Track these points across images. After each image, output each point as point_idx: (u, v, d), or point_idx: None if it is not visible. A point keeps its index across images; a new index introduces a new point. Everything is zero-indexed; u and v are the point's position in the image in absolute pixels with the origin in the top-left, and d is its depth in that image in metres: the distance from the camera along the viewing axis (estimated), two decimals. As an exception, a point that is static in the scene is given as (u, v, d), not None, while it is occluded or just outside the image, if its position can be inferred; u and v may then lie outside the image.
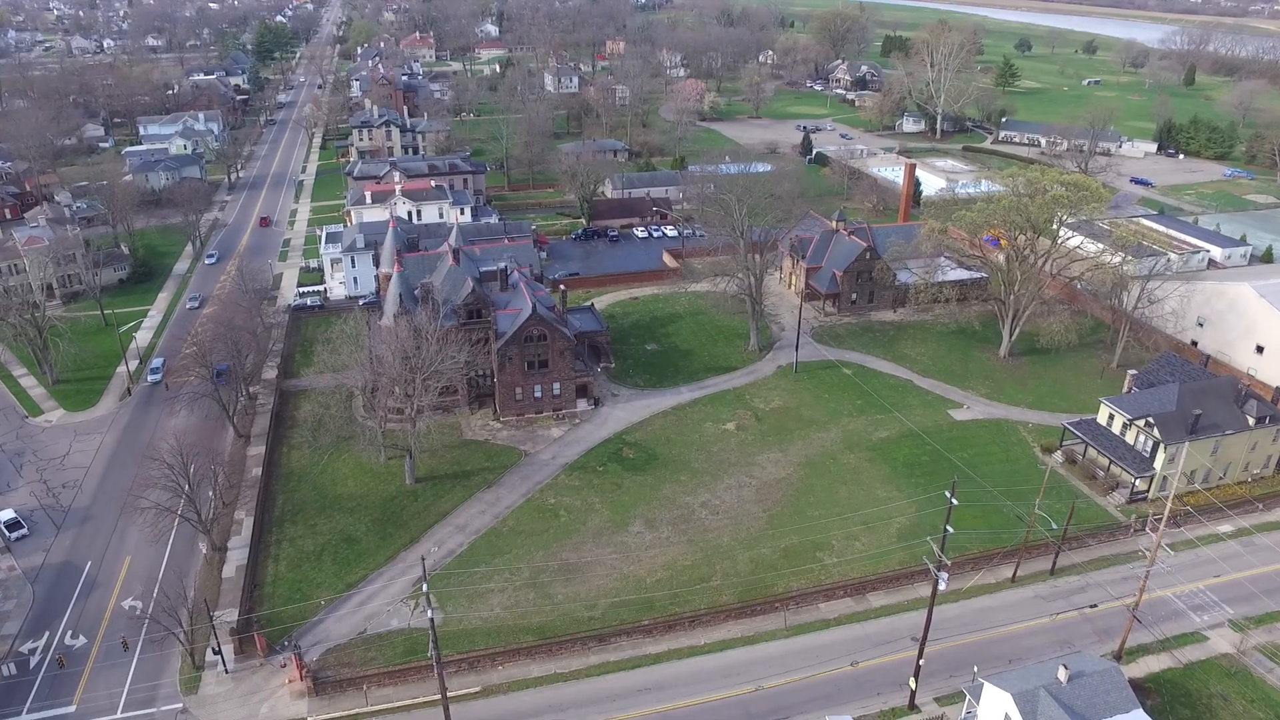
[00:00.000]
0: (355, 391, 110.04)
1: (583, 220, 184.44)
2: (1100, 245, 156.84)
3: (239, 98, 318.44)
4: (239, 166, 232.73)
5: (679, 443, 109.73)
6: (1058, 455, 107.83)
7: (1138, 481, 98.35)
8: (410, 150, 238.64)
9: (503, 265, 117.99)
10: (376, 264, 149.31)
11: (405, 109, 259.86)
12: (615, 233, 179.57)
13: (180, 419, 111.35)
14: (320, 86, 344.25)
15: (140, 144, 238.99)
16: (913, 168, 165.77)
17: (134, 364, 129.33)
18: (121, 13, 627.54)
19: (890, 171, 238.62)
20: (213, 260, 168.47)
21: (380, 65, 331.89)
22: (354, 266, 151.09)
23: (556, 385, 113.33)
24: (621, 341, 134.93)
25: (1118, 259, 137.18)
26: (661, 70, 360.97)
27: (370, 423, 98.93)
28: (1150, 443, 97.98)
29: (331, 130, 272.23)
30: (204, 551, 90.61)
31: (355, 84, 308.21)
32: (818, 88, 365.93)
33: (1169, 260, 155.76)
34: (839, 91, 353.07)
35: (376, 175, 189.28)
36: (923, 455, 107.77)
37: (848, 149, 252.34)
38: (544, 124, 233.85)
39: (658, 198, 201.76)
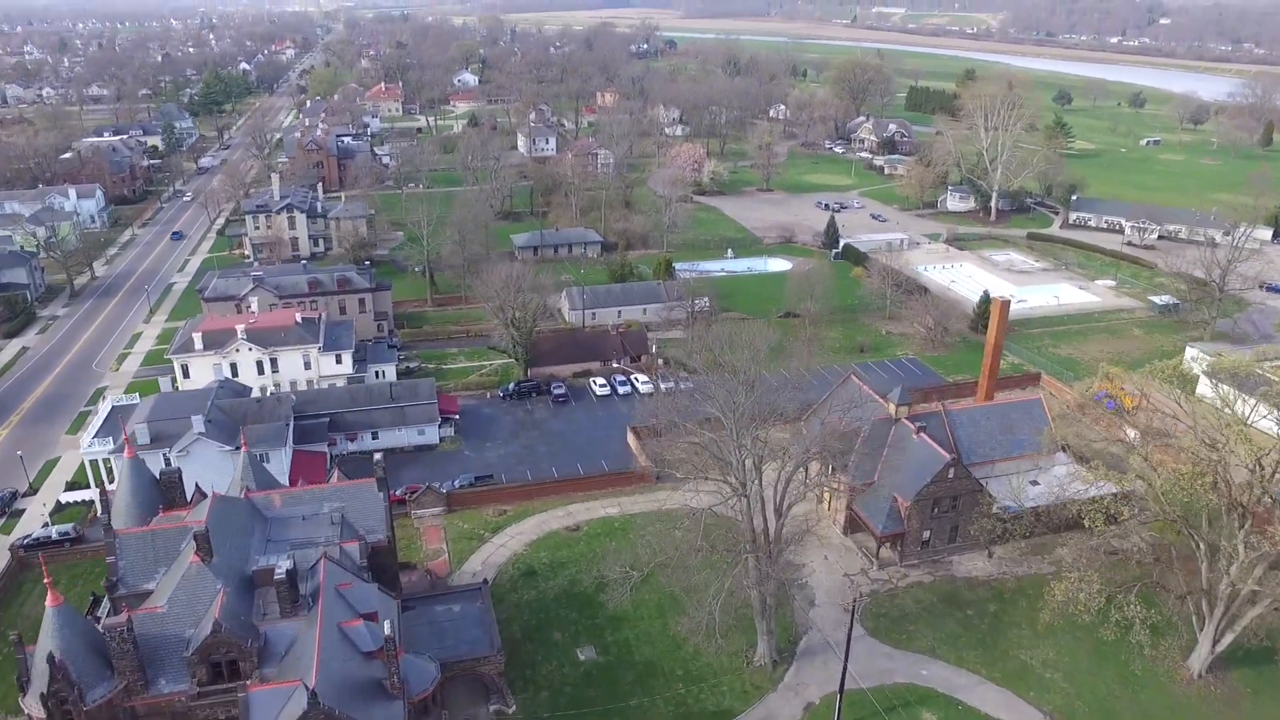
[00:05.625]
0: None
1: (519, 367, 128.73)
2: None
3: (150, 162, 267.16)
4: (92, 266, 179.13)
5: None
6: None
7: None
8: (321, 242, 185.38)
9: (287, 566, 62.15)
10: (167, 462, 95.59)
11: (320, 184, 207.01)
12: (562, 388, 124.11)
13: None
14: (259, 148, 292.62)
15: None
16: (1005, 307, 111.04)
17: None
18: (84, 57, 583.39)
19: (940, 272, 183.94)
20: None
21: (321, 123, 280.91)
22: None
23: (372, 824, 57.23)
24: (537, 639, 79.08)
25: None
26: (656, 128, 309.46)
27: None
28: None
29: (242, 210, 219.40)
30: None
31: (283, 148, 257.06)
32: (838, 150, 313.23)
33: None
34: (864, 155, 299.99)
35: (235, 295, 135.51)
36: None
37: (885, 239, 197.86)
38: (486, 211, 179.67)
39: (632, 321, 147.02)
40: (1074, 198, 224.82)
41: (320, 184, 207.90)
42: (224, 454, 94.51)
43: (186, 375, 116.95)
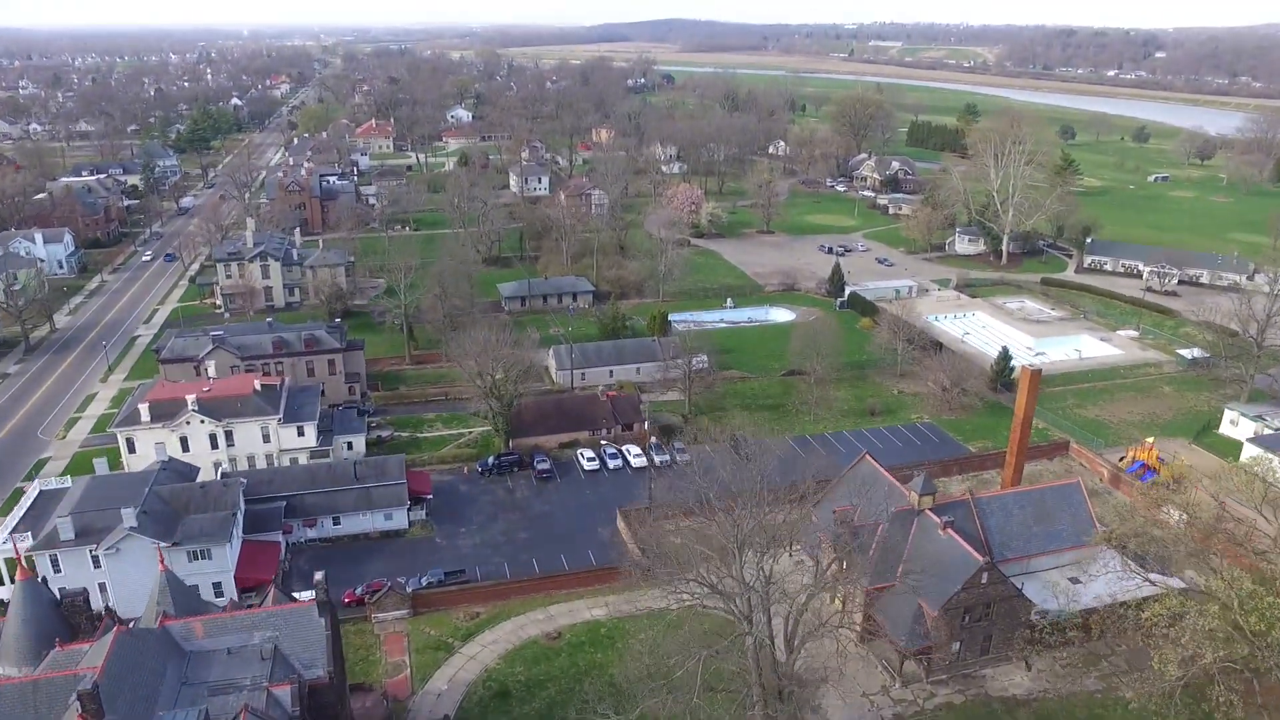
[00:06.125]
0: None
1: (499, 437, 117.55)
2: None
3: (127, 202, 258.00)
4: (52, 317, 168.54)
5: None
6: None
7: None
8: (296, 291, 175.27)
9: (191, 733, 50.92)
10: (95, 563, 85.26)
11: (299, 229, 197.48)
12: (546, 462, 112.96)
13: None
14: (243, 186, 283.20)
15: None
16: (1036, 377, 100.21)
17: None
18: (76, 92, 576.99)
19: (952, 322, 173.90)
20: None
21: (306, 161, 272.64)
22: (56, 572, 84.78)
23: None
24: (508, 785, 67.61)
25: None
26: (652, 166, 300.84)
27: None
28: None
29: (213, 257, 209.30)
30: None
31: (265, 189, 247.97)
32: (840, 188, 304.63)
33: None
34: (867, 193, 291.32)
35: (194, 356, 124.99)
36: None
37: (892, 286, 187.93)
38: (471, 259, 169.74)
39: (625, 382, 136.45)
40: (1088, 240, 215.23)
41: (299, 228, 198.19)
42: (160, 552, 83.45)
43: (132, 450, 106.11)
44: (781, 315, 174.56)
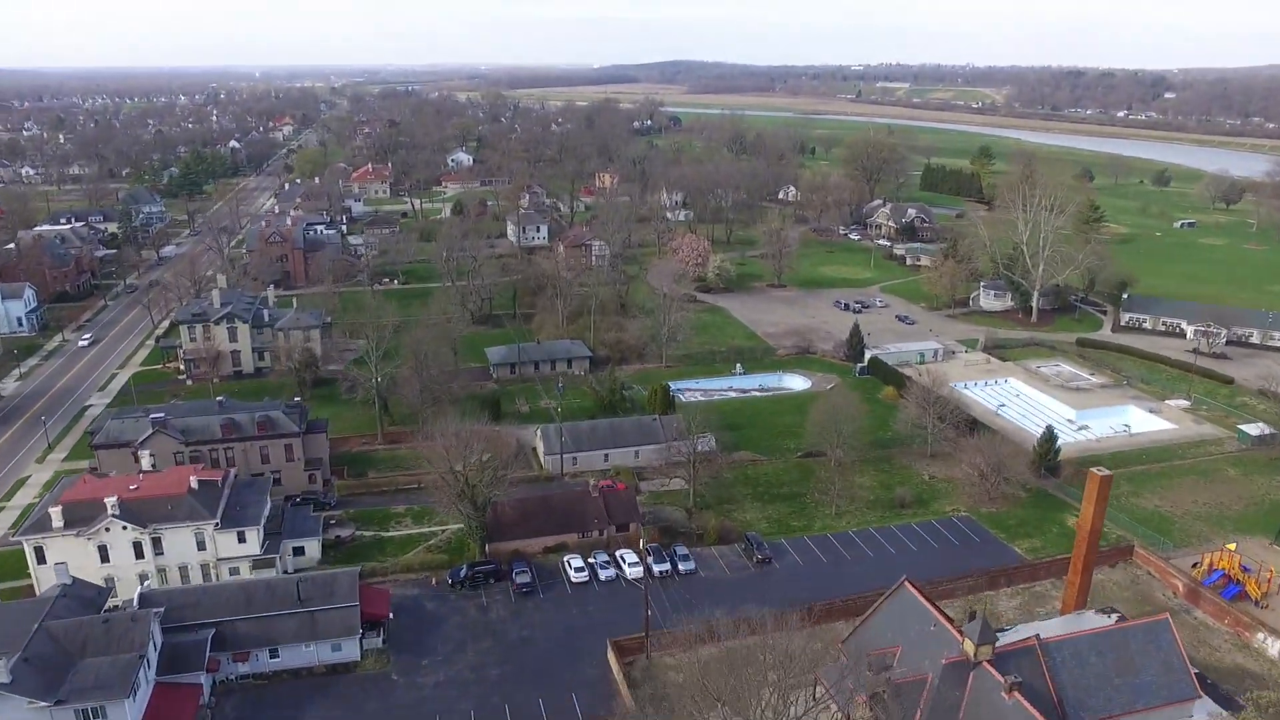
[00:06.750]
0: None
1: (474, 542, 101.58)
2: None
3: (103, 252, 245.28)
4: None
5: None
6: None
7: None
8: (266, 355, 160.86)
9: None
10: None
11: (274, 286, 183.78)
12: (528, 572, 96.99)
13: None
14: (229, 234, 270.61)
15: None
16: (1106, 485, 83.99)
17: None
18: (75, 134, 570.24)
19: (983, 390, 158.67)
20: None
21: (294, 209, 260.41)
22: (-87, 737, 69.22)
23: None
24: None
25: None
26: (657, 213, 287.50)
27: None
28: None
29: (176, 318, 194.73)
30: None
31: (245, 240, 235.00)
32: (854, 236, 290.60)
33: None
34: (883, 242, 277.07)
35: (132, 441, 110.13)
36: None
37: (916, 349, 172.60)
38: (458, 320, 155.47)
39: (621, 467, 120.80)
40: (1125, 295, 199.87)
41: (274, 284, 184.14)
42: (38, 713, 67.96)
43: (41, 560, 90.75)
44: (796, 383, 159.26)
